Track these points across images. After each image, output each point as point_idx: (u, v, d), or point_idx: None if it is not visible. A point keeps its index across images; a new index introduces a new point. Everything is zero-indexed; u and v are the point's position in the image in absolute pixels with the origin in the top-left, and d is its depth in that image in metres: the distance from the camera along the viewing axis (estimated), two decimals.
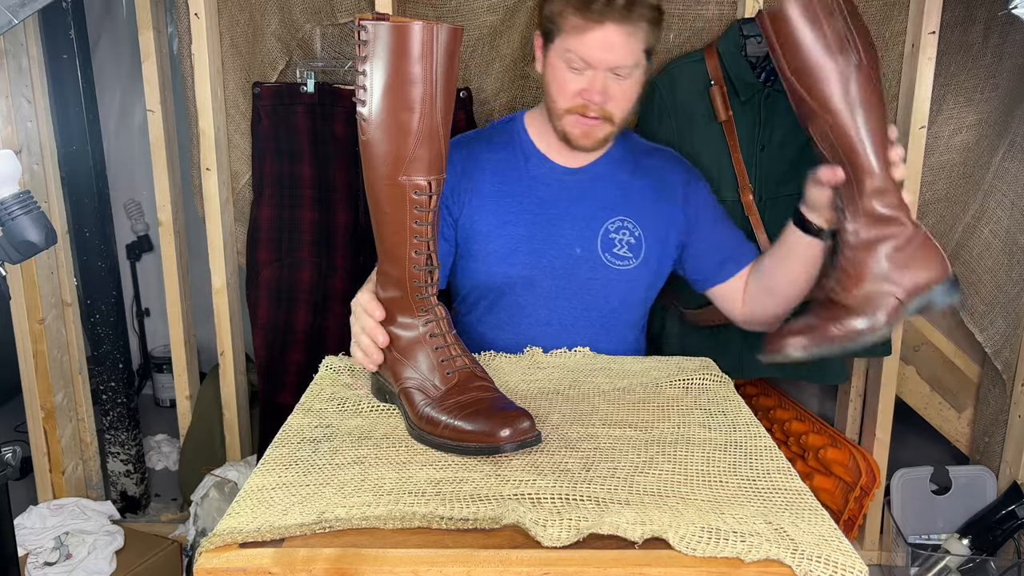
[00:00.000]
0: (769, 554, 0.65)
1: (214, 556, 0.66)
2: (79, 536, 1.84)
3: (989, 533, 1.97)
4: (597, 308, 1.33)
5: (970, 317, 2.02)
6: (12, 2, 1.27)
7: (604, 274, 1.32)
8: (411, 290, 0.93)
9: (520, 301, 1.33)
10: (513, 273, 1.31)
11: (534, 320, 1.33)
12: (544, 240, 1.31)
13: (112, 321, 2.16)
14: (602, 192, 1.33)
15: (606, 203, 1.33)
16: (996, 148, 1.92)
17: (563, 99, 1.24)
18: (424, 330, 0.93)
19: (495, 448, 0.83)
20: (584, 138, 1.26)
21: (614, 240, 1.32)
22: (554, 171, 1.34)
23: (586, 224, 1.32)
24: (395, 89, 0.84)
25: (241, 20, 1.91)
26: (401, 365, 0.94)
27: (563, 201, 1.33)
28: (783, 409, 2.18)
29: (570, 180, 1.34)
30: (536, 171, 1.34)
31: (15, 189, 1.08)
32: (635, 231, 1.33)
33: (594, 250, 1.32)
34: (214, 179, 1.93)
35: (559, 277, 1.32)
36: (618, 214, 1.33)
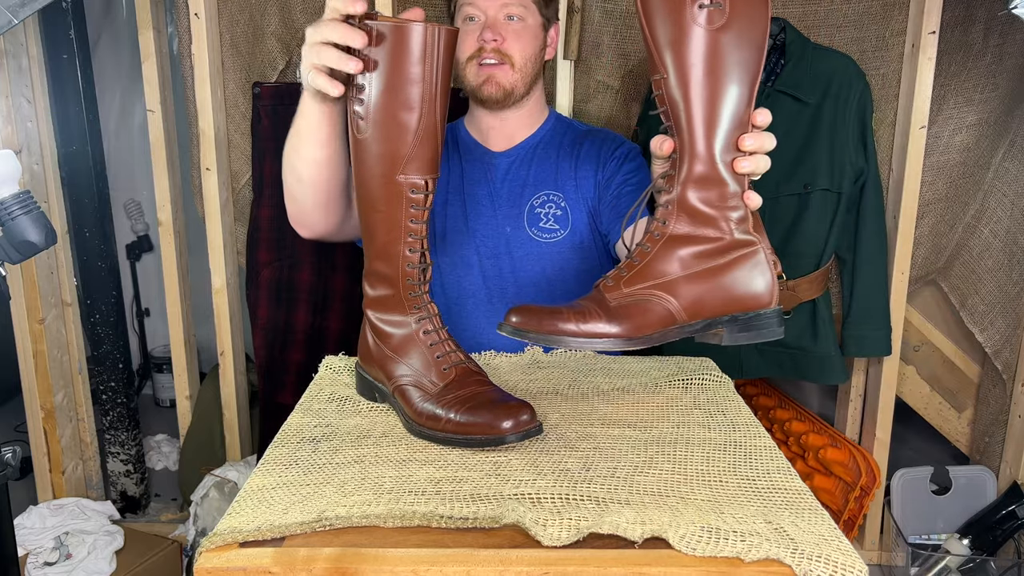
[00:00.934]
0: (769, 554, 0.65)
1: (214, 556, 0.66)
2: (79, 536, 1.84)
3: (989, 533, 1.97)
4: (533, 283, 1.37)
5: (970, 317, 2.02)
6: (12, 2, 1.27)
7: (535, 249, 1.36)
8: (404, 288, 0.92)
9: (462, 283, 1.38)
10: (451, 254, 1.37)
11: (478, 300, 1.37)
12: (476, 221, 1.37)
13: (112, 321, 2.16)
14: (528, 171, 1.38)
15: (531, 181, 1.37)
16: (996, 148, 1.92)
17: (462, 50, 1.31)
18: (417, 327, 0.93)
19: (499, 439, 0.83)
20: (489, 85, 1.31)
21: (540, 215, 1.36)
22: (485, 155, 1.40)
23: (513, 203, 1.37)
24: (396, 89, 0.85)
25: (241, 20, 1.91)
26: (394, 363, 0.93)
27: (491, 183, 1.38)
28: (783, 409, 2.18)
29: (499, 162, 1.39)
30: (468, 157, 1.40)
31: (15, 189, 1.08)
32: (561, 203, 1.36)
33: (522, 227, 1.36)
34: (214, 179, 1.93)
35: (494, 256, 1.36)
36: (543, 189, 1.37)
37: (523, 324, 0.83)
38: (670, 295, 0.83)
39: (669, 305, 0.83)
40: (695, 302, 0.84)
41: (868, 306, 1.86)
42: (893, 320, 1.90)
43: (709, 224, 0.83)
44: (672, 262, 0.83)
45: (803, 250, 1.78)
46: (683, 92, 0.80)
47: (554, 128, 1.43)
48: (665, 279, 0.83)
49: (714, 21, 0.78)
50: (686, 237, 0.83)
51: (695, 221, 0.83)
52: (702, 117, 0.81)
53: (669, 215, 0.84)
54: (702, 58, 0.79)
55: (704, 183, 0.82)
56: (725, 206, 0.83)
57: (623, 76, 1.91)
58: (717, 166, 0.82)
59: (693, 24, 0.78)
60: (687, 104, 0.80)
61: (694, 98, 0.80)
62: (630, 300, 0.83)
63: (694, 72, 0.79)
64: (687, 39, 0.79)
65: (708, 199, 0.82)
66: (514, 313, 0.84)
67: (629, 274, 0.84)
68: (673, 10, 0.79)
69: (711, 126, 0.81)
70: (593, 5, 1.85)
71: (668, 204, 0.84)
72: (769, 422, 2.18)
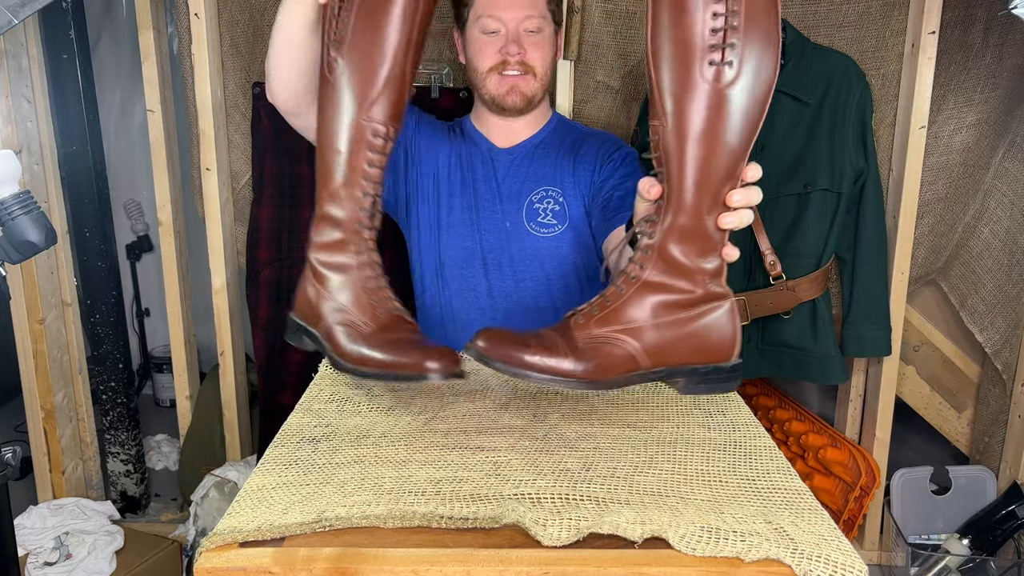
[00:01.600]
0: (769, 553, 0.65)
1: (214, 555, 0.66)
2: (79, 536, 1.85)
3: (989, 533, 1.97)
4: (532, 277, 1.40)
5: (970, 317, 2.02)
6: (12, 2, 1.27)
7: (532, 243, 1.39)
8: (351, 232, 0.93)
9: (463, 272, 1.41)
10: (455, 244, 1.41)
11: (479, 292, 1.41)
12: (479, 214, 1.40)
13: (112, 321, 2.16)
14: (529, 168, 1.41)
15: (532, 177, 1.41)
16: (996, 148, 1.92)
17: (483, 61, 1.35)
18: (359, 271, 0.94)
19: (422, 376, 0.84)
20: (512, 94, 1.36)
21: (538, 210, 1.39)
22: (491, 151, 1.43)
23: (513, 198, 1.40)
24: (373, 31, 0.86)
25: (241, 20, 1.91)
26: (328, 302, 0.94)
27: (495, 178, 1.42)
28: (783, 409, 2.18)
29: (503, 158, 1.43)
30: (475, 150, 1.44)
31: (15, 189, 1.08)
32: (559, 199, 1.39)
33: (520, 222, 1.39)
34: (214, 179, 1.93)
35: (494, 250, 1.40)
36: (542, 185, 1.40)
37: (488, 351, 0.82)
38: (637, 341, 0.83)
39: (634, 352, 0.83)
40: (660, 351, 0.83)
41: (868, 306, 1.86)
42: (893, 320, 1.90)
43: (684, 276, 0.82)
44: (643, 308, 0.83)
45: (803, 250, 1.78)
46: (679, 145, 0.79)
47: (556, 129, 1.46)
48: (634, 325, 0.83)
49: (722, 79, 0.77)
50: (660, 285, 0.83)
51: (671, 271, 0.82)
52: (695, 172, 0.79)
53: (647, 260, 0.83)
54: (704, 115, 0.77)
55: (686, 236, 0.81)
56: (703, 259, 0.82)
57: (623, 76, 1.91)
58: (703, 221, 0.81)
59: (701, 80, 0.77)
60: (681, 157, 0.79)
61: (690, 153, 0.78)
62: (598, 342, 0.82)
63: (694, 127, 0.78)
64: (692, 94, 0.77)
65: (687, 251, 0.82)
66: (481, 337, 0.83)
67: (601, 314, 0.83)
68: (682, 63, 0.77)
69: (703, 182, 0.79)
70: (593, 5, 1.85)
71: (648, 249, 0.83)
72: (769, 422, 2.18)
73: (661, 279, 0.83)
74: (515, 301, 1.40)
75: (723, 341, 0.85)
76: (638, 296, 0.83)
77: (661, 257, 0.82)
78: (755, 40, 0.76)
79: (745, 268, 1.81)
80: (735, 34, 0.75)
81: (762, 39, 0.77)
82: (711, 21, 0.76)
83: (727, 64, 0.76)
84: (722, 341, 0.85)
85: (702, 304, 0.84)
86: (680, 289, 0.83)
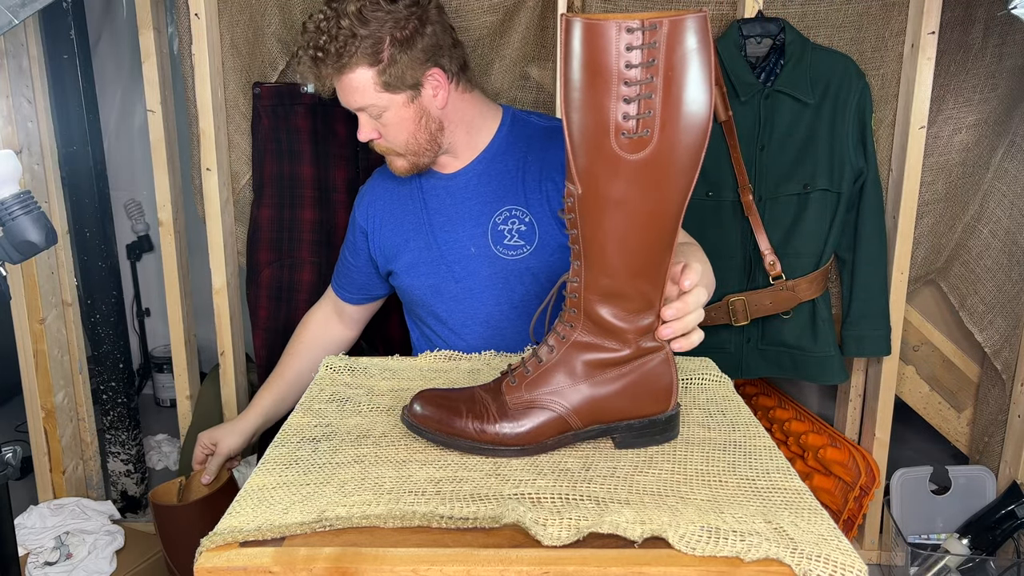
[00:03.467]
0: (769, 553, 0.65)
1: (215, 555, 0.66)
2: (79, 536, 1.85)
3: (989, 533, 1.97)
4: (506, 301, 1.35)
5: (970, 317, 2.02)
6: (12, 2, 1.27)
7: (501, 267, 1.34)
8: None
9: (435, 310, 1.38)
10: (420, 283, 1.38)
11: (454, 323, 1.37)
12: (440, 247, 1.36)
13: (112, 321, 2.16)
14: (486, 188, 1.35)
15: (490, 197, 1.35)
16: (996, 148, 1.92)
17: None
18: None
19: None
20: (394, 168, 1.35)
21: (503, 232, 1.34)
22: (440, 180, 1.39)
23: (475, 222, 1.35)
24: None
25: (241, 20, 1.91)
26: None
27: (452, 205, 1.37)
28: (783, 409, 2.18)
29: (454, 184, 1.37)
30: (426, 185, 1.40)
31: (15, 189, 1.08)
32: (525, 218, 1.33)
33: (486, 246, 1.34)
34: (214, 179, 1.93)
35: (461, 279, 1.35)
36: (505, 205, 1.34)
37: (421, 419, 0.83)
38: (567, 402, 0.81)
39: (565, 414, 0.82)
40: (592, 410, 0.82)
41: (868, 306, 1.86)
42: (893, 320, 1.90)
43: (613, 335, 0.80)
44: (574, 368, 0.81)
45: (803, 250, 1.79)
46: (595, 214, 0.74)
47: (509, 133, 1.37)
48: (564, 386, 0.81)
49: (638, 150, 0.71)
50: (589, 345, 0.81)
51: (599, 331, 0.80)
52: (614, 242, 0.75)
53: (575, 319, 0.81)
54: (620, 186, 0.72)
55: (611, 297, 0.79)
56: (634, 318, 0.80)
57: None
58: (628, 283, 0.78)
59: (615, 150, 0.71)
60: (597, 226, 0.75)
61: (607, 223, 0.74)
62: (530, 406, 0.81)
63: (609, 197, 0.73)
64: (605, 165, 0.72)
65: (614, 312, 0.79)
66: (417, 401, 0.85)
67: (533, 374, 0.82)
68: (595, 131, 0.71)
69: (624, 248, 0.76)
70: (593, 5, 1.85)
71: (575, 308, 0.81)
72: (769, 422, 2.18)
73: (590, 339, 0.81)
74: (493, 327, 1.35)
75: (657, 393, 0.83)
76: (567, 356, 0.81)
77: (589, 317, 0.80)
78: (676, 105, 0.70)
79: (745, 268, 1.81)
80: (650, 104, 0.69)
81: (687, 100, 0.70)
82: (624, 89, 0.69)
83: (642, 134, 0.70)
84: (656, 393, 0.83)
85: (634, 360, 0.82)
86: (610, 348, 0.81)
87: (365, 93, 1.25)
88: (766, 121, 1.76)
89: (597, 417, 0.83)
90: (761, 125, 1.76)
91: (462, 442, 0.82)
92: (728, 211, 1.78)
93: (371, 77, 1.24)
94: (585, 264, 0.78)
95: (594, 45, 0.69)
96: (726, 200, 1.78)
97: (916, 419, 2.20)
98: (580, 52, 0.69)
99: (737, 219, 1.79)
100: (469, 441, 0.82)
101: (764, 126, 1.76)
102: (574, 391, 0.82)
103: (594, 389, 0.82)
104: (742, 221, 1.79)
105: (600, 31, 0.68)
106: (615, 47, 0.68)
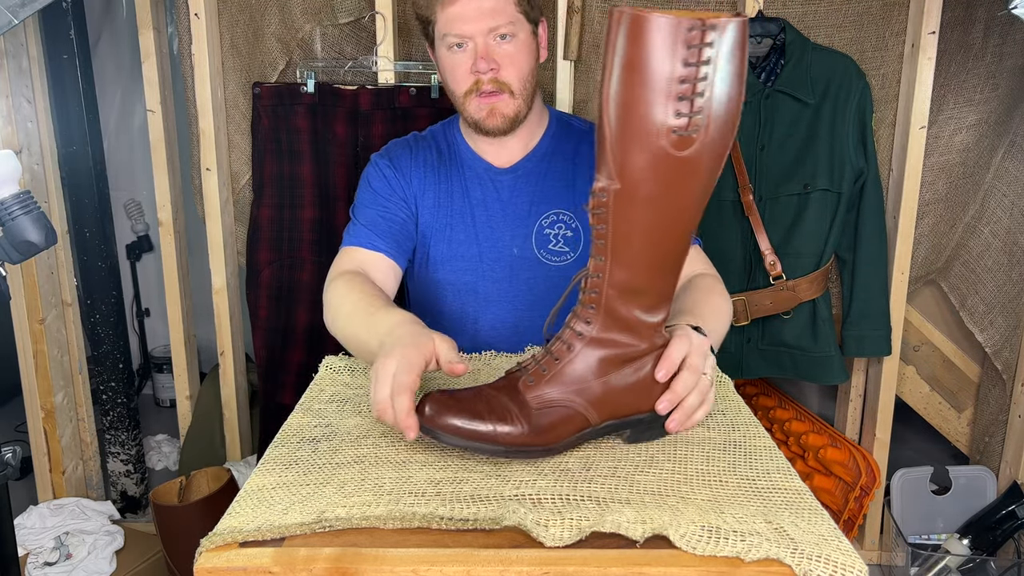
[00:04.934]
0: (769, 553, 0.65)
1: (214, 555, 0.66)
2: (79, 536, 1.85)
3: (989, 533, 1.97)
4: (540, 308, 1.29)
5: (970, 317, 2.02)
6: (12, 2, 1.27)
7: (543, 272, 1.29)
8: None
9: (465, 308, 1.31)
10: (454, 279, 1.30)
11: (481, 326, 1.31)
12: (482, 243, 1.30)
13: (112, 321, 2.16)
14: (535, 188, 1.30)
15: (539, 198, 1.29)
16: (996, 148, 1.92)
17: (458, 84, 1.22)
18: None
19: None
20: (492, 118, 1.22)
21: (549, 236, 1.29)
22: (488, 171, 1.31)
23: (520, 223, 1.29)
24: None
25: (241, 20, 1.91)
26: None
27: (498, 201, 1.30)
28: (783, 409, 2.18)
29: (503, 179, 1.31)
30: (470, 173, 1.31)
31: (15, 189, 1.08)
32: (572, 223, 1.29)
33: (529, 248, 1.29)
34: (214, 179, 1.93)
35: (499, 280, 1.30)
36: (553, 208, 1.29)
37: (436, 422, 0.78)
38: (587, 400, 0.82)
39: (584, 410, 0.82)
40: (608, 406, 0.83)
41: (868, 306, 1.86)
42: (893, 320, 1.90)
43: (630, 331, 0.81)
44: (591, 366, 0.81)
45: (803, 250, 1.79)
46: (630, 209, 0.75)
47: (556, 134, 1.34)
48: (583, 384, 0.81)
49: (684, 148, 0.72)
50: (607, 341, 0.81)
51: (617, 327, 0.81)
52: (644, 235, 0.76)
53: (593, 316, 0.81)
54: (664, 181, 0.74)
55: (633, 294, 0.79)
56: (649, 314, 0.81)
57: None
58: (649, 279, 0.79)
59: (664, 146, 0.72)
60: (630, 221, 0.75)
61: (641, 217, 0.75)
62: (551, 405, 0.81)
63: (649, 193, 0.74)
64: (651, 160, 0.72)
65: (634, 308, 0.80)
66: (429, 403, 0.79)
67: (550, 373, 0.81)
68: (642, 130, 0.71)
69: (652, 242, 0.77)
70: (593, 5, 1.85)
71: (593, 305, 0.81)
72: (769, 422, 2.18)
73: (607, 335, 0.81)
74: (520, 333, 1.29)
75: (667, 385, 0.85)
76: (585, 353, 0.81)
77: (608, 314, 0.80)
78: (719, 104, 0.71)
79: (745, 268, 1.81)
80: (701, 103, 0.70)
81: (728, 98, 0.71)
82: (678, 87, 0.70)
83: (693, 131, 0.72)
84: (666, 385, 0.85)
85: (648, 355, 0.84)
86: (626, 344, 0.82)
87: (506, 8, 1.18)
88: (766, 121, 1.76)
89: (613, 412, 0.83)
90: (761, 125, 1.76)
91: (484, 447, 0.79)
92: (728, 211, 1.78)
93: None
94: (611, 260, 0.78)
95: (653, 42, 0.69)
96: (726, 200, 1.78)
97: (916, 419, 2.20)
98: (637, 49, 0.70)
99: (737, 219, 1.79)
100: (491, 445, 0.79)
101: (764, 126, 1.76)
102: (592, 388, 0.82)
103: (611, 385, 0.82)
104: (742, 221, 1.79)
105: (662, 29, 0.68)
106: (675, 45, 0.69)
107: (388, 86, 1.86)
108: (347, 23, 1.91)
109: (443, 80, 1.27)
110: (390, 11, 1.83)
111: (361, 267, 1.22)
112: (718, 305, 1.09)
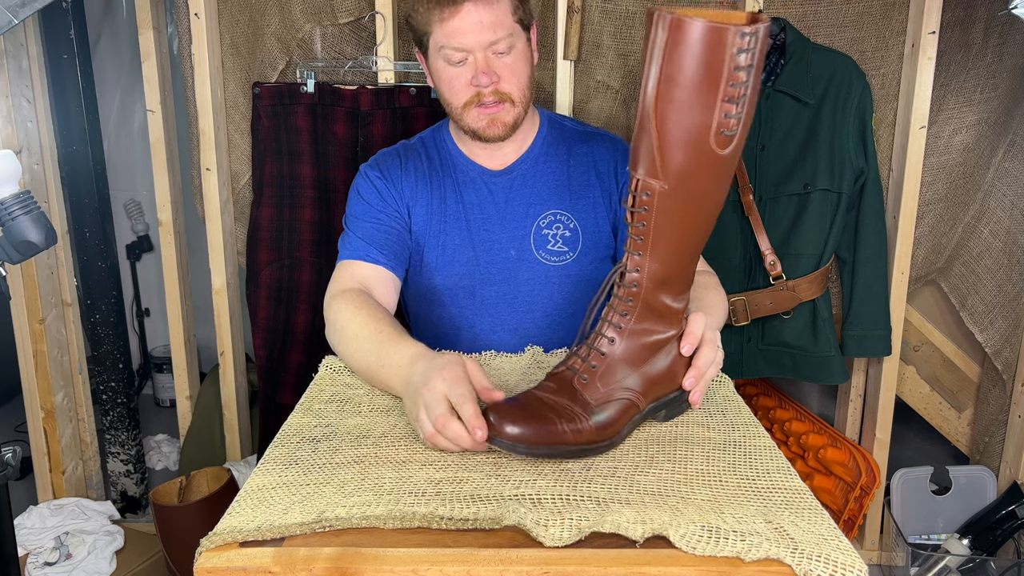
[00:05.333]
0: (769, 553, 0.65)
1: (214, 555, 0.66)
2: (79, 536, 1.84)
3: (989, 533, 1.97)
4: (540, 309, 1.30)
5: (970, 317, 2.02)
6: (12, 2, 1.27)
7: (542, 273, 1.29)
8: None
9: (463, 312, 1.31)
10: (451, 284, 1.30)
11: (480, 329, 1.31)
12: (477, 247, 1.30)
13: (112, 321, 2.16)
14: (531, 189, 1.30)
15: (536, 199, 1.30)
16: (996, 148, 1.92)
17: (455, 96, 1.22)
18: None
19: None
20: (492, 127, 1.23)
21: (547, 236, 1.29)
22: (483, 175, 1.31)
23: (517, 224, 1.29)
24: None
25: (241, 20, 1.91)
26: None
27: (493, 204, 1.30)
28: (783, 409, 2.18)
29: (498, 182, 1.31)
30: (464, 177, 1.32)
31: (15, 189, 1.08)
32: (570, 223, 1.29)
33: (528, 250, 1.29)
34: (214, 179, 1.93)
35: (497, 283, 1.30)
36: (550, 208, 1.30)
37: (520, 438, 0.79)
38: (637, 389, 0.86)
39: (635, 399, 0.86)
40: (652, 389, 0.88)
41: (868, 306, 1.86)
42: (893, 320, 1.90)
43: (666, 319, 0.87)
44: (635, 355, 0.86)
45: (803, 250, 1.78)
46: (676, 205, 0.79)
47: (548, 135, 1.34)
48: (630, 373, 0.86)
49: (726, 146, 0.77)
50: (645, 331, 0.86)
51: (654, 316, 0.86)
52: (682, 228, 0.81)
53: (631, 309, 0.85)
54: (708, 180, 0.79)
55: (668, 284, 0.85)
56: (679, 301, 0.87)
57: (623, 76, 1.91)
58: (681, 267, 0.84)
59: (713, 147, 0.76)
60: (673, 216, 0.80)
61: (684, 213, 0.80)
62: (608, 399, 0.85)
63: (695, 190, 0.79)
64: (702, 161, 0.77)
65: (669, 298, 0.86)
66: (493, 413, 0.80)
67: (601, 368, 0.85)
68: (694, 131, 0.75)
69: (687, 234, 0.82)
70: (593, 5, 1.85)
71: (633, 299, 0.85)
72: (769, 422, 2.18)
73: (644, 325, 0.86)
74: (521, 336, 1.30)
75: (689, 360, 0.92)
76: (629, 345, 0.86)
77: (646, 305, 0.85)
78: (752, 103, 0.76)
79: (745, 268, 1.81)
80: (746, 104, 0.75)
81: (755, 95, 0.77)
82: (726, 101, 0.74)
83: (735, 131, 0.76)
84: (688, 360, 0.91)
85: (677, 336, 0.90)
86: (660, 330, 0.87)
87: (505, 21, 1.18)
88: (766, 121, 1.76)
89: (655, 396, 0.89)
90: (761, 125, 1.76)
91: (560, 448, 0.81)
92: (728, 211, 1.78)
93: (512, 3, 1.20)
94: (650, 254, 0.82)
95: (710, 46, 0.72)
96: (727, 200, 1.78)
97: (916, 419, 2.20)
98: (693, 53, 0.72)
99: (737, 219, 1.79)
100: (566, 446, 0.81)
101: (764, 126, 1.76)
102: (637, 375, 0.87)
103: (652, 371, 0.87)
104: (742, 221, 1.79)
105: (720, 34, 0.71)
106: (730, 49, 0.72)
107: (388, 86, 1.86)
108: (347, 23, 1.91)
109: (437, 89, 1.27)
110: (390, 11, 1.83)
111: (363, 283, 1.22)
112: (716, 300, 1.14)
